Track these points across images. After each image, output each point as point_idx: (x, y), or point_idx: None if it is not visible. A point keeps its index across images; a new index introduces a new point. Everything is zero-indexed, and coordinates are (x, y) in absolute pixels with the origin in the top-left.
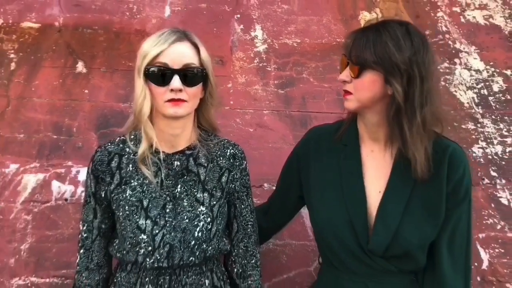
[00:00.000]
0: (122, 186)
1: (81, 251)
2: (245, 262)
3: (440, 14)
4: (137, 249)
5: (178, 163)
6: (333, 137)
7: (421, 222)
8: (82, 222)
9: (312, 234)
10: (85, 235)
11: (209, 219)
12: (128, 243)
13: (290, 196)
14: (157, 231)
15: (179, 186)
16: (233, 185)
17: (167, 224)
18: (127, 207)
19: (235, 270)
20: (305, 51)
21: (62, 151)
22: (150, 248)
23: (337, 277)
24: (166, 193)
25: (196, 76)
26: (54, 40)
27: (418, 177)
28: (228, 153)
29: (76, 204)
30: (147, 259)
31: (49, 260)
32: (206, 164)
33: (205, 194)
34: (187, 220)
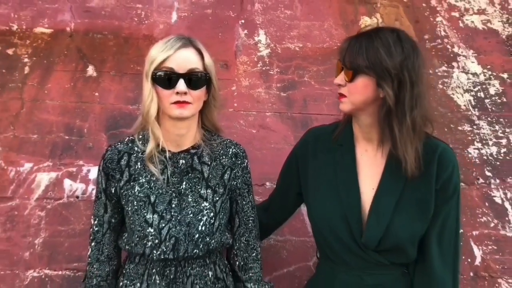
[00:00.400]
0: (131, 183)
1: (92, 244)
2: (247, 255)
3: (439, 19)
4: (145, 242)
5: (183, 161)
6: (330, 138)
7: (412, 218)
8: (94, 217)
9: (311, 231)
10: (96, 229)
11: (212, 214)
12: (136, 236)
13: (290, 194)
14: (164, 225)
15: (184, 183)
16: (235, 182)
17: (173, 219)
18: (136, 202)
19: (237, 263)
20: (307, 55)
21: (74, 151)
22: (157, 241)
23: (333, 270)
24: (172, 190)
25: (200, 80)
26: (66, 45)
27: (409, 176)
28: (231, 152)
29: (87, 201)
30: (154, 251)
31: (62, 254)
32: (210, 163)
33: (209, 191)
34: (192, 215)
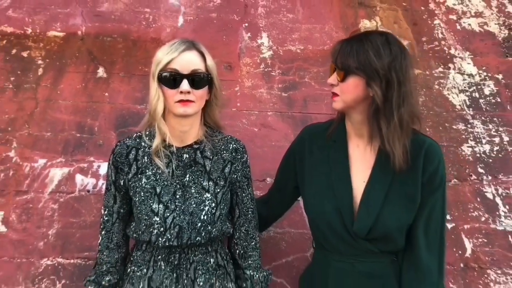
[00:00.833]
0: (138, 175)
1: (103, 233)
2: (246, 244)
3: (437, 22)
4: (151, 230)
5: (187, 156)
6: (325, 134)
7: (400, 208)
8: (104, 207)
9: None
10: (106, 219)
11: (214, 204)
12: (143, 225)
13: (287, 188)
14: (168, 214)
15: (188, 176)
16: (235, 176)
17: (177, 208)
18: (143, 193)
19: (237, 251)
20: (308, 57)
21: (85, 148)
22: (162, 229)
23: (327, 258)
24: (176, 182)
25: (203, 80)
26: (77, 48)
27: (397, 169)
28: (231, 148)
29: (98, 195)
30: (160, 239)
31: (73, 244)
32: (211, 157)
33: (210, 183)
34: (194, 205)
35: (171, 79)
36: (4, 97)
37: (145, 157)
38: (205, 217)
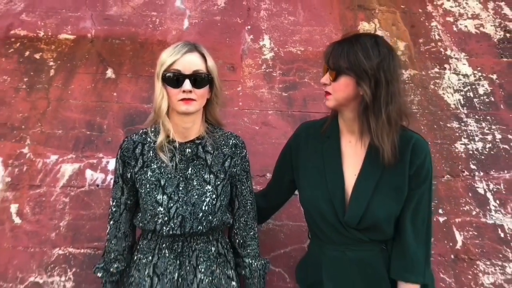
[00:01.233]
0: (144, 169)
1: (111, 223)
2: (245, 234)
3: (434, 24)
4: (156, 219)
5: (190, 150)
6: (319, 131)
7: (388, 200)
8: (112, 199)
9: None
10: (114, 209)
11: (214, 196)
12: (148, 215)
13: (284, 181)
14: (172, 205)
15: (190, 169)
16: (235, 169)
17: (180, 199)
18: (148, 185)
19: (237, 241)
20: (308, 58)
21: (94, 145)
22: (166, 219)
23: (321, 247)
24: (180, 174)
25: (204, 80)
26: (87, 50)
27: (386, 163)
28: (231, 143)
29: (106, 189)
30: (164, 228)
31: (83, 235)
32: (212, 152)
33: (211, 176)
34: (196, 196)
35: (174, 79)
36: (18, 97)
37: (151, 152)
38: (206, 208)
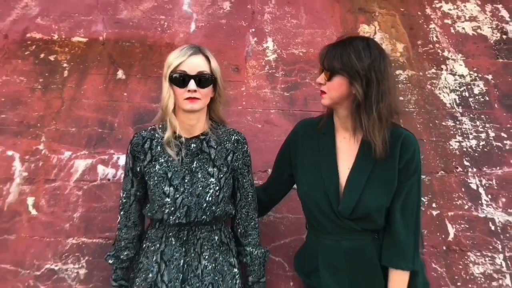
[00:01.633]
0: (152, 162)
1: (121, 213)
2: (246, 224)
3: (432, 26)
4: (163, 209)
5: (195, 145)
6: (316, 128)
7: (379, 192)
8: (122, 191)
9: None
10: (125, 201)
11: (217, 188)
12: (156, 205)
13: (283, 175)
14: (178, 196)
15: (195, 163)
16: (237, 164)
17: (186, 191)
18: (156, 178)
19: (239, 231)
20: (309, 60)
21: (106, 142)
22: (173, 209)
23: (318, 237)
24: (185, 168)
25: (208, 81)
26: (99, 52)
27: (377, 157)
28: (233, 139)
29: (117, 183)
30: (171, 217)
31: (96, 226)
32: (216, 147)
33: (215, 169)
34: (201, 188)
35: (180, 80)
36: (34, 97)
37: (158, 147)
38: (210, 199)
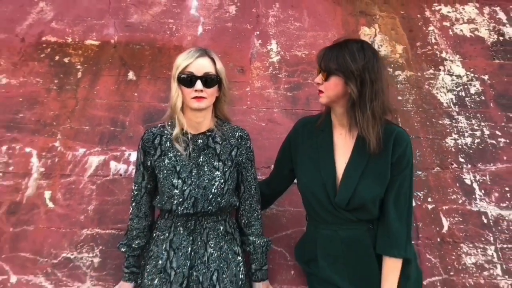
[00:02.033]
0: (162, 157)
1: (133, 204)
2: (250, 215)
3: (431, 28)
4: (172, 200)
5: (201, 141)
6: (315, 125)
7: (373, 184)
8: (134, 184)
9: None
10: (136, 193)
11: (222, 180)
12: (166, 196)
13: (285, 170)
14: (186, 188)
15: (201, 157)
16: (241, 158)
17: (193, 183)
18: (165, 171)
19: (242, 221)
20: (312, 61)
21: (118, 139)
22: (181, 200)
23: (316, 227)
24: (192, 162)
25: (213, 81)
26: (111, 54)
27: (371, 152)
28: (237, 135)
29: (128, 178)
30: (179, 208)
31: (108, 217)
32: (221, 142)
33: (220, 163)
34: (207, 181)
35: (188, 80)
36: (50, 97)
37: (167, 142)
38: (216, 191)
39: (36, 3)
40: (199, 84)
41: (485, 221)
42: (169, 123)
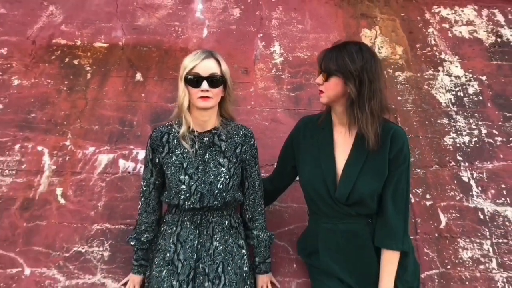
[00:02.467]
0: (170, 154)
1: (142, 200)
2: (253, 210)
3: (431, 30)
4: (179, 196)
5: (207, 139)
6: (316, 124)
7: (371, 179)
8: (143, 180)
9: None
10: (145, 188)
11: (227, 176)
12: (173, 192)
13: (287, 167)
14: (192, 183)
15: (207, 154)
16: (245, 155)
17: (199, 179)
18: (173, 168)
19: (247, 216)
20: (314, 62)
21: (126, 138)
22: (188, 195)
23: (317, 221)
24: (199, 159)
25: (218, 81)
26: (119, 56)
27: (370, 149)
28: (241, 133)
29: (136, 176)
30: (186, 202)
31: (118, 213)
32: (226, 140)
33: (225, 160)
34: (212, 177)
35: (194, 81)
36: (60, 98)
37: (175, 140)
38: (221, 186)
39: (46, 7)
40: (205, 85)
41: (482, 217)
42: (176, 122)
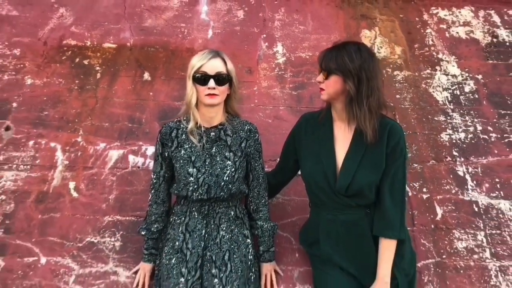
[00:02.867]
0: (178, 148)
1: (152, 192)
2: (258, 202)
3: (429, 31)
4: (187, 187)
5: (214, 134)
6: (317, 120)
7: (369, 172)
8: (153, 173)
9: None
10: (155, 181)
11: (233, 169)
12: (182, 184)
13: (290, 161)
14: (200, 176)
15: (214, 148)
16: (250, 150)
17: (206, 172)
18: (182, 161)
19: (251, 207)
20: (315, 62)
21: (135, 135)
22: (196, 186)
23: (318, 213)
24: (206, 152)
25: (224, 80)
26: (127, 57)
27: (368, 143)
28: (246, 128)
29: (145, 170)
30: (194, 194)
31: (128, 206)
32: (232, 135)
33: (231, 154)
34: (219, 169)
35: (202, 79)
36: (71, 96)
37: (183, 135)
38: (227, 178)
39: (57, 9)
40: (212, 82)
41: (476, 209)
42: (185, 118)
